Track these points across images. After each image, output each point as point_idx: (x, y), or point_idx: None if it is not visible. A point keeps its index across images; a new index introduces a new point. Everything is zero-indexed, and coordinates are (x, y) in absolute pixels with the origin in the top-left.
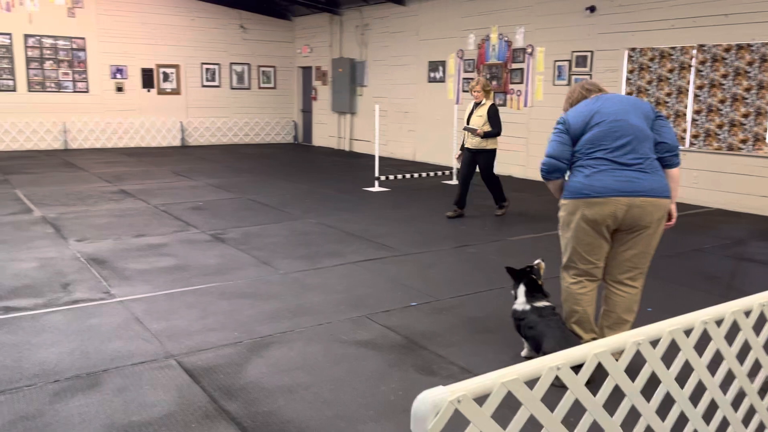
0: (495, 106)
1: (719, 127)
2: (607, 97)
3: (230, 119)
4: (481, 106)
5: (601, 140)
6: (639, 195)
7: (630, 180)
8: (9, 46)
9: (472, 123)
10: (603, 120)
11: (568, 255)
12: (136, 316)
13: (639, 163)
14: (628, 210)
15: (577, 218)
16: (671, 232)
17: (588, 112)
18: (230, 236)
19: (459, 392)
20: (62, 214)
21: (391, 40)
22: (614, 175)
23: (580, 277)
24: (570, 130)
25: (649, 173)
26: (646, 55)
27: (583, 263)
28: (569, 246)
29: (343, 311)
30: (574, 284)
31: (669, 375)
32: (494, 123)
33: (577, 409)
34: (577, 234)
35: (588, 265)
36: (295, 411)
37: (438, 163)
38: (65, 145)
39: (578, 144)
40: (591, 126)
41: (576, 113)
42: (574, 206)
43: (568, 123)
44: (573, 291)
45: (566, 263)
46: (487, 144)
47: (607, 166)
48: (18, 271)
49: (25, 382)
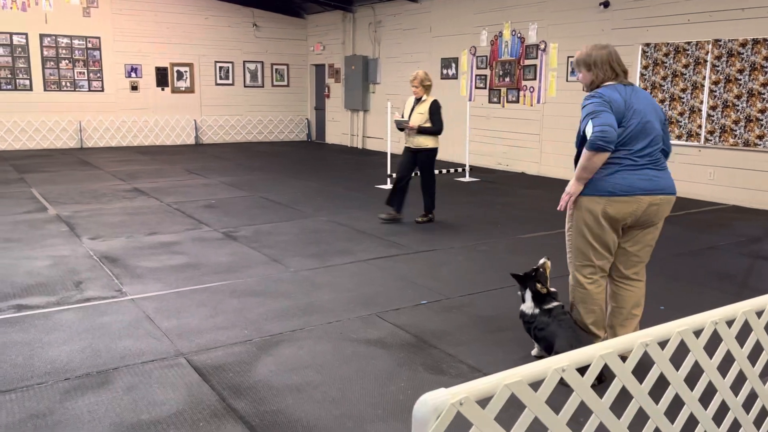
0: (437, 103)
1: (735, 122)
2: (636, 89)
3: (243, 117)
4: (422, 103)
5: (631, 139)
6: (658, 193)
7: (650, 179)
8: (25, 46)
9: (413, 120)
10: (637, 120)
11: (583, 253)
12: (147, 315)
13: (656, 160)
14: (647, 208)
15: (597, 215)
16: (685, 229)
17: (625, 104)
18: (242, 234)
19: (461, 394)
20: (76, 212)
21: (403, 37)
22: (637, 174)
23: (595, 276)
24: (612, 110)
25: (662, 171)
26: (660, 51)
27: (599, 259)
28: (585, 243)
29: (353, 309)
30: (591, 284)
31: (678, 376)
32: (435, 120)
33: (584, 410)
34: (595, 231)
35: (602, 261)
36: (304, 410)
37: (450, 160)
38: (80, 143)
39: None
40: (626, 121)
41: (615, 99)
42: (596, 204)
43: (612, 104)
44: (590, 291)
45: (581, 262)
46: (428, 142)
47: (630, 164)
48: (31, 269)
49: (36, 380)
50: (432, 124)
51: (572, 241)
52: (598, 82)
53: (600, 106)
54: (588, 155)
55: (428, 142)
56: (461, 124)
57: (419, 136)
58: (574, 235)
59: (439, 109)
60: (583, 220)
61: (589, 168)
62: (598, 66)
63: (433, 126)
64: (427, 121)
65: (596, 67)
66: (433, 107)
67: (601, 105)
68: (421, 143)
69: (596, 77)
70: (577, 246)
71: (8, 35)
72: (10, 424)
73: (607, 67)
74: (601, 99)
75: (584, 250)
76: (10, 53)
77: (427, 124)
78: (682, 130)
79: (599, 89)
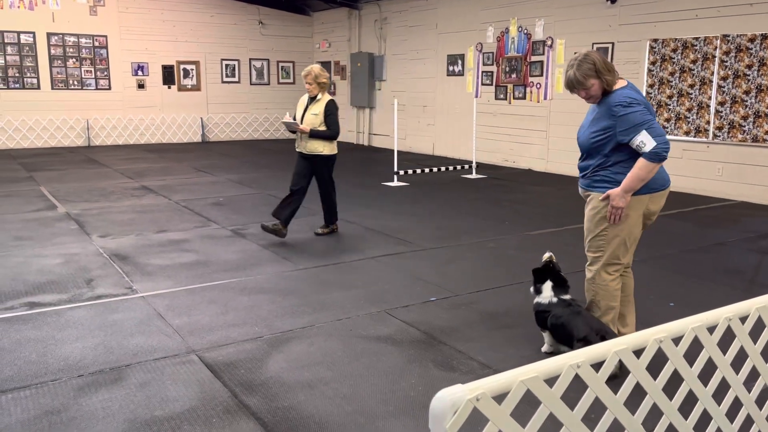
0: (334, 103)
1: (744, 118)
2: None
3: (250, 115)
4: (317, 102)
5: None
6: (669, 184)
7: (665, 171)
8: (32, 44)
9: (306, 122)
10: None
11: (613, 251)
12: (158, 312)
13: None
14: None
15: (639, 214)
16: (694, 226)
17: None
18: (250, 231)
19: (478, 390)
20: (85, 211)
21: (409, 33)
22: (662, 167)
23: (618, 272)
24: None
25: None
26: (668, 46)
27: (625, 257)
28: (619, 243)
29: (362, 306)
30: (614, 281)
31: (692, 373)
32: (331, 123)
33: (598, 406)
34: (633, 229)
35: (628, 257)
36: (315, 406)
37: (457, 156)
38: (88, 141)
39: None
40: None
41: (643, 100)
42: (639, 202)
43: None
44: (612, 288)
45: (609, 261)
46: (323, 148)
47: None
48: (42, 267)
49: (50, 377)
50: (327, 127)
51: (607, 241)
52: (609, 87)
53: (647, 114)
54: (651, 167)
55: (323, 147)
56: (468, 121)
57: (312, 141)
58: (609, 236)
59: (335, 110)
60: (627, 221)
61: (647, 179)
62: (605, 70)
63: (328, 129)
64: (321, 123)
65: (606, 71)
66: (329, 108)
67: (647, 113)
68: (315, 149)
69: (607, 84)
70: (612, 246)
71: (16, 34)
72: (25, 420)
73: (611, 67)
74: (642, 105)
75: (617, 251)
76: (18, 52)
77: (322, 127)
78: (691, 126)
79: (623, 93)
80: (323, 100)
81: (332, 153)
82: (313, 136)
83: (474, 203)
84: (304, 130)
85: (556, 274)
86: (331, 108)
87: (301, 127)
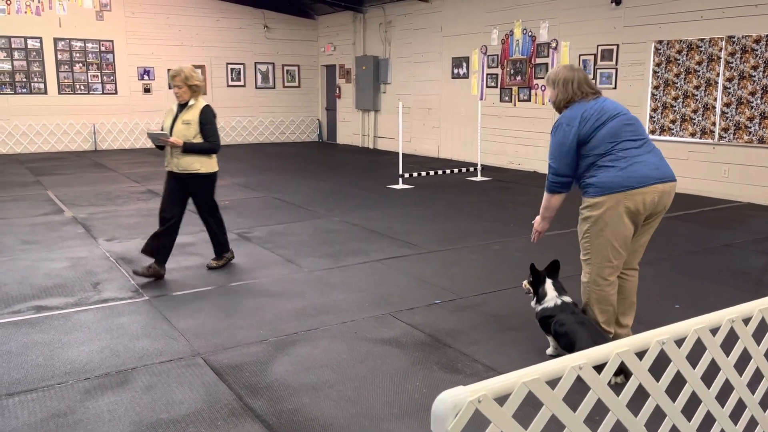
0: (210, 109)
1: (750, 119)
2: (605, 99)
3: (255, 118)
4: (190, 109)
5: (622, 132)
6: (667, 180)
7: (657, 167)
8: (39, 49)
9: (177, 134)
10: (615, 114)
11: (604, 255)
12: (164, 315)
13: (652, 150)
14: (660, 196)
15: (618, 213)
16: (700, 227)
17: (596, 111)
18: (255, 235)
19: (479, 392)
20: (92, 214)
21: (414, 36)
22: (646, 164)
23: (612, 276)
24: (580, 132)
25: (662, 159)
26: (673, 48)
27: (617, 258)
28: (605, 244)
29: (367, 309)
30: (609, 286)
31: (695, 374)
32: (209, 133)
33: (601, 408)
34: (617, 228)
35: (620, 259)
36: (320, 409)
37: (462, 159)
38: (95, 146)
39: (594, 141)
40: (603, 122)
41: (581, 113)
42: (614, 201)
43: (575, 125)
44: (607, 293)
45: (601, 265)
46: (200, 165)
47: (637, 155)
48: (49, 270)
49: (56, 380)
50: (204, 138)
51: (591, 243)
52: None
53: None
54: (547, 197)
55: (200, 164)
56: (473, 124)
57: (187, 157)
58: (592, 237)
59: (213, 117)
60: (603, 220)
61: (548, 207)
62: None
63: (206, 141)
64: (197, 135)
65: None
66: (206, 115)
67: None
68: (190, 166)
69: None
70: (597, 248)
71: (23, 39)
72: (32, 423)
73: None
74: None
75: (604, 252)
76: (25, 57)
77: (198, 139)
78: (696, 127)
79: (564, 114)
80: (197, 106)
81: (212, 171)
82: (188, 150)
83: (479, 205)
84: (175, 144)
85: (553, 268)
86: (208, 115)
87: (171, 139)
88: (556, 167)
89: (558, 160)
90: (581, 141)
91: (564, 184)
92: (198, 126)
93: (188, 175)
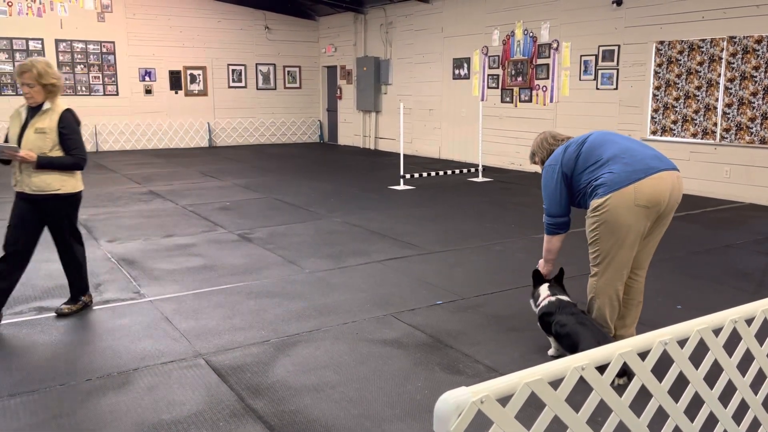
0: (72, 115)
1: (751, 120)
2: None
3: (256, 119)
4: (44, 114)
5: (608, 138)
6: (671, 169)
7: (657, 157)
8: (41, 51)
9: (27, 143)
10: (591, 133)
11: (615, 256)
12: (166, 316)
13: (646, 146)
14: (673, 187)
15: (630, 206)
16: (702, 228)
17: (573, 140)
18: (257, 236)
19: (482, 393)
20: (93, 216)
21: (415, 37)
22: (647, 156)
23: (623, 279)
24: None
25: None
26: (674, 48)
27: (627, 257)
28: (617, 244)
29: (368, 310)
30: (621, 288)
31: (697, 375)
32: (72, 143)
33: (603, 409)
34: (631, 222)
35: (630, 259)
36: (321, 410)
37: (463, 160)
38: (96, 147)
39: (583, 155)
40: (585, 139)
41: (562, 150)
42: (626, 195)
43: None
44: (617, 292)
45: (616, 266)
46: (60, 184)
47: (635, 150)
48: (51, 271)
49: (58, 381)
50: (66, 150)
51: (600, 243)
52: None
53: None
54: (546, 238)
55: (60, 183)
56: (474, 124)
57: (42, 174)
58: (602, 236)
59: (76, 125)
60: (615, 218)
61: (549, 249)
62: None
63: (67, 154)
64: (55, 146)
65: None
66: (66, 122)
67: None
68: (48, 186)
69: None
70: (607, 252)
71: (24, 41)
72: (33, 424)
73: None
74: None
75: (616, 253)
76: (27, 58)
77: (57, 152)
78: (698, 128)
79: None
80: (55, 110)
81: (75, 191)
82: (44, 166)
83: (480, 206)
84: (27, 159)
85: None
86: (70, 122)
87: (22, 153)
88: (547, 208)
89: (549, 200)
90: (569, 168)
91: (560, 225)
92: (56, 136)
93: (45, 197)
